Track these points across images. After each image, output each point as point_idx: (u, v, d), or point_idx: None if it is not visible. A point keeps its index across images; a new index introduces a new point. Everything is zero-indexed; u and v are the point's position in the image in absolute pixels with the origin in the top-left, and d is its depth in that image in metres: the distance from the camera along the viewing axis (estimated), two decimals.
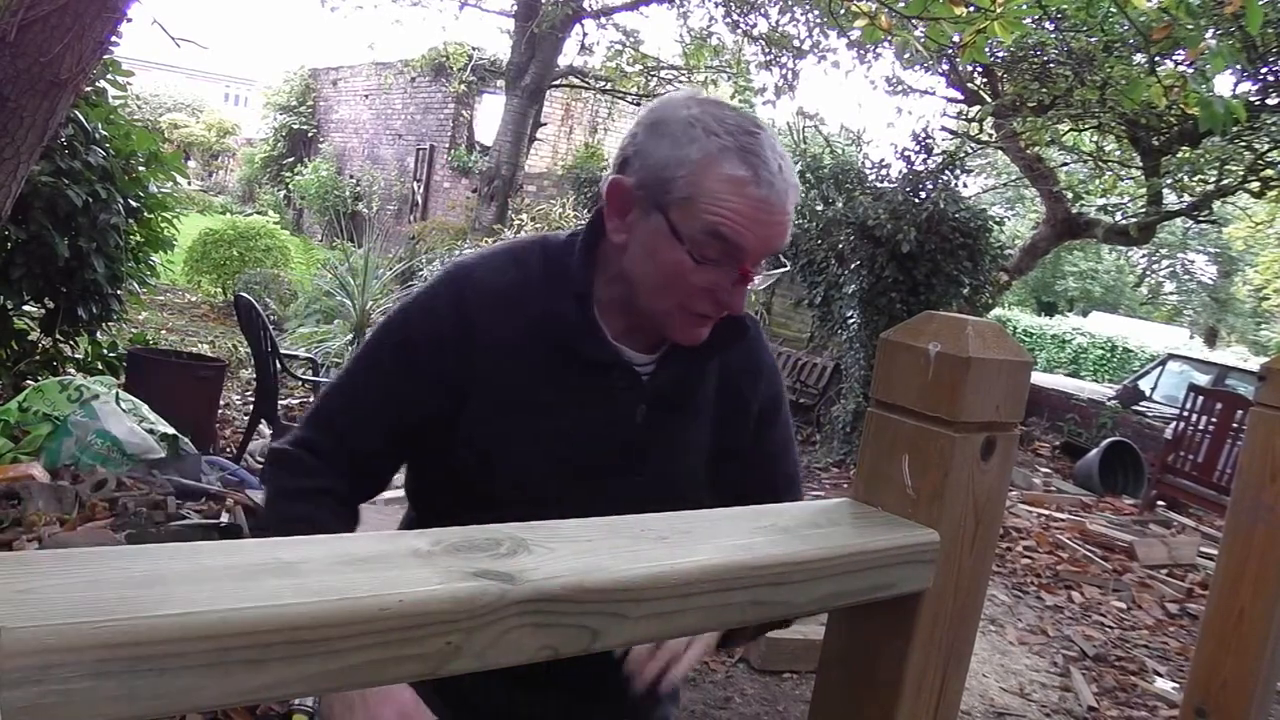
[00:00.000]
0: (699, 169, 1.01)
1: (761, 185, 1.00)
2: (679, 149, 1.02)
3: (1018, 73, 8.86)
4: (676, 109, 1.06)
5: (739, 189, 1.00)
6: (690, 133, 1.02)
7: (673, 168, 1.02)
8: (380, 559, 0.47)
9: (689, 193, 1.02)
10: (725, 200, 1.00)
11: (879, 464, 0.68)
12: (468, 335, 1.10)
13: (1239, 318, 28.79)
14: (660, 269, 1.05)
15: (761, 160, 1.01)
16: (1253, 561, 1.09)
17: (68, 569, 0.40)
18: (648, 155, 1.05)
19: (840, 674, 0.70)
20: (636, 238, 1.07)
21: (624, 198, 1.07)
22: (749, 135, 1.02)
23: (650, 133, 1.06)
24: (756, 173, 1.00)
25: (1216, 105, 3.12)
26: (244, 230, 10.09)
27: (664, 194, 1.03)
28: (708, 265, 1.03)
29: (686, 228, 1.02)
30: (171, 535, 3.02)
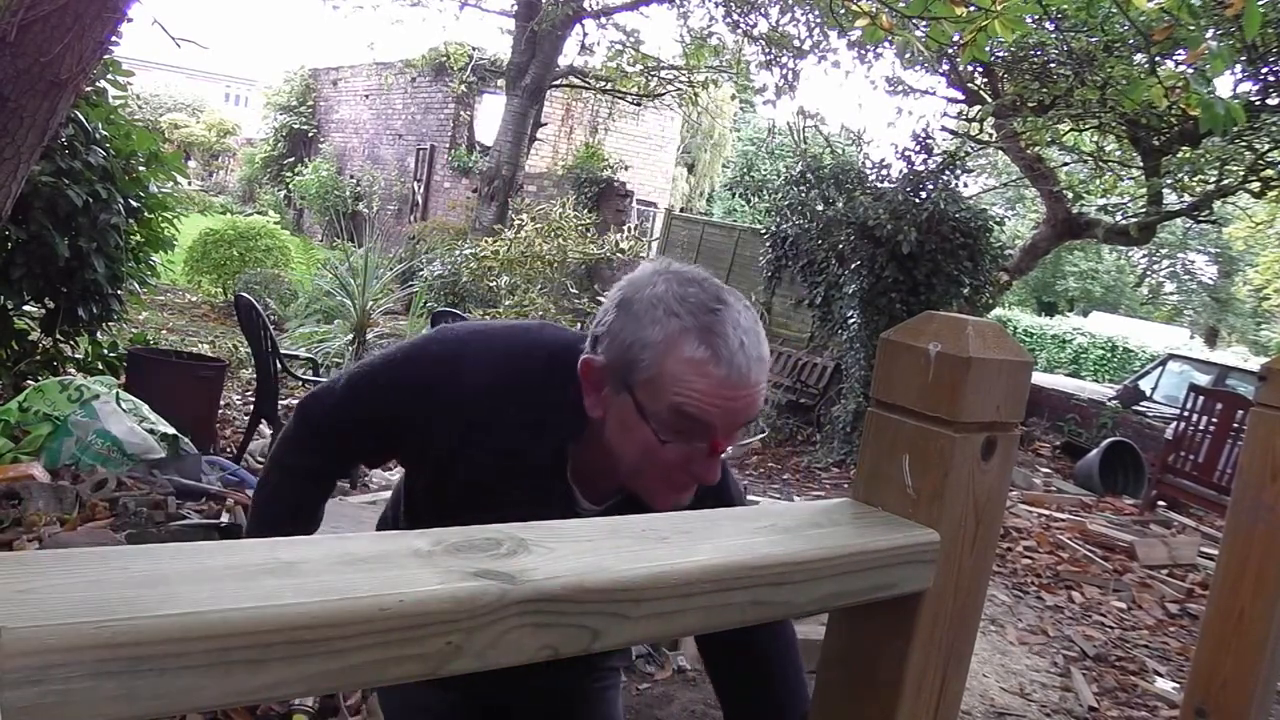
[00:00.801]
0: (660, 351, 1.03)
1: (721, 365, 1.02)
2: (642, 330, 1.05)
3: (1018, 73, 8.86)
4: (642, 287, 1.08)
5: (699, 369, 1.02)
6: (653, 313, 1.05)
7: (636, 349, 1.05)
8: (380, 559, 0.47)
9: (652, 374, 1.04)
10: (687, 381, 1.02)
11: (879, 464, 0.68)
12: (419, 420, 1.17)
13: (1239, 318, 28.79)
14: (633, 446, 1.08)
15: (722, 339, 1.02)
16: (1253, 561, 1.09)
17: (68, 569, 0.40)
18: (615, 334, 1.07)
19: (840, 674, 0.70)
20: (611, 414, 1.09)
21: (596, 376, 1.09)
22: (710, 314, 1.04)
23: (618, 311, 1.08)
24: (716, 352, 1.02)
25: (1217, 106, 3.11)
26: (244, 230, 10.09)
27: (630, 374, 1.06)
28: (676, 443, 1.05)
29: (652, 407, 1.05)
30: (171, 535, 3.02)
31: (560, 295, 9.14)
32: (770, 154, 23.55)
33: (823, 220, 7.83)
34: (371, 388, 1.21)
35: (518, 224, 9.39)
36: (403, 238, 13.86)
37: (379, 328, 7.70)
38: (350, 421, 1.23)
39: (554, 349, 1.19)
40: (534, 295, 8.40)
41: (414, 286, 9.21)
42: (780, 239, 8.45)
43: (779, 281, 8.91)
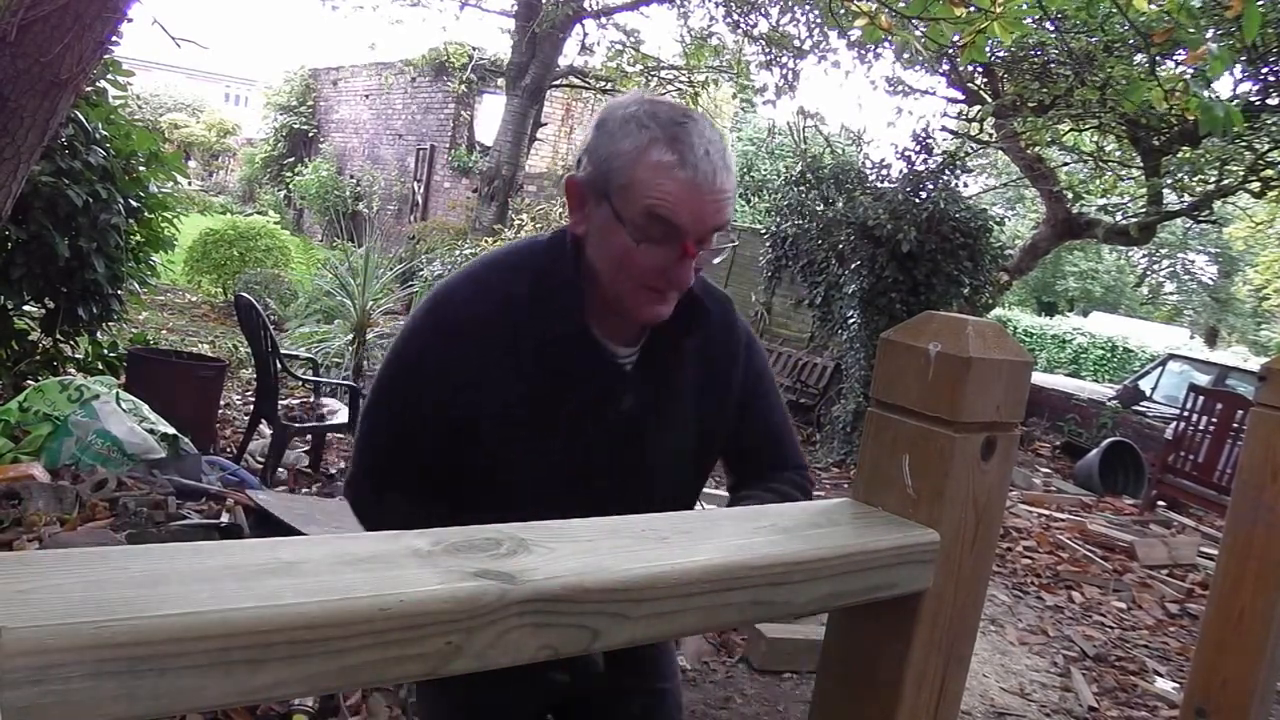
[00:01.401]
0: (632, 158, 1.12)
1: (687, 167, 1.10)
2: (616, 143, 1.14)
3: (1018, 73, 8.86)
4: (616, 109, 1.18)
5: (667, 172, 1.11)
6: (625, 128, 1.14)
7: (611, 159, 1.14)
8: (380, 559, 0.47)
9: (625, 180, 1.13)
10: (656, 184, 1.11)
11: (879, 464, 0.68)
12: (452, 370, 1.20)
13: (1239, 318, 28.79)
14: (611, 253, 1.16)
15: (687, 146, 1.11)
16: (1253, 561, 1.09)
17: (68, 569, 0.40)
18: (593, 152, 1.17)
19: (840, 674, 0.70)
20: (592, 227, 1.18)
21: (579, 192, 1.19)
22: (677, 125, 1.12)
23: (596, 131, 1.18)
24: (682, 156, 1.11)
25: (1216, 109, 3.11)
26: (244, 230, 10.08)
27: (606, 184, 1.14)
28: (650, 244, 1.13)
29: (627, 212, 1.13)
30: (171, 535, 3.02)
31: None
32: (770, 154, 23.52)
33: (823, 220, 7.83)
34: (396, 363, 1.25)
35: (518, 224, 9.39)
36: (403, 238, 13.86)
37: (379, 328, 7.69)
38: (400, 437, 1.24)
39: (517, 245, 1.29)
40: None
41: (414, 286, 9.21)
42: (780, 239, 8.45)
43: (779, 281, 8.91)
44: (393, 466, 1.26)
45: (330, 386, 5.86)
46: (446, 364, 1.20)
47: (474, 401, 1.19)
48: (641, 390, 1.25)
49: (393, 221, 15.97)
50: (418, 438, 1.24)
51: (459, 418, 1.20)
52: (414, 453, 1.25)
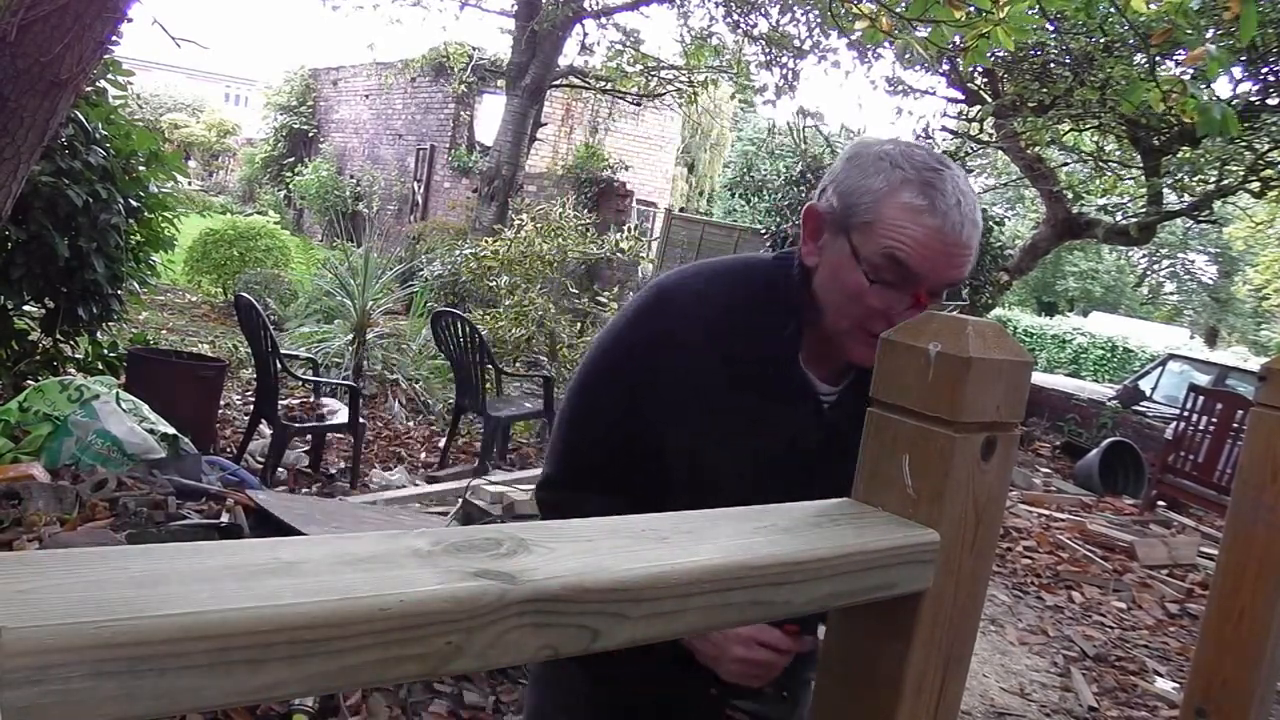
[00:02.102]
0: (881, 197, 1.10)
1: (936, 215, 1.08)
2: (866, 178, 1.12)
3: (1018, 73, 8.85)
4: (871, 145, 1.15)
5: (915, 217, 1.08)
6: (879, 165, 1.12)
7: (858, 194, 1.12)
8: (380, 559, 0.47)
9: (870, 218, 1.10)
10: (901, 226, 1.08)
11: (879, 464, 0.68)
12: (661, 372, 1.19)
13: (1239, 318, 28.79)
14: (842, 289, 1.13)
15: (940, 193, 1.08)
16: (1253, 561, 1.09)
17: (68, 569, 0.40)
18: (840, 184, 1.14)
19: (840, 674, 0.70)
20: (825, 260, 1.16)
21: (816, 222, 1.16)
22: (932, 171, 1.10)
23: (846, 165, 1.15)
24: (933, 203, 1.08)
25: (1214, 111, 3.11)
26: (244, 230, 10.08)
27: (849, 218, 1.12)
28: (883, 287, 1.10)
29: (866, 250, 1.10)
30: (171, 535, 3.02)
31: (560, 295, 9.14)
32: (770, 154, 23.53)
33: None
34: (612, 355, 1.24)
35: (518, 224, 9.38)
36: (403, 238, 13.86)
37: (379, 328, 7.69)
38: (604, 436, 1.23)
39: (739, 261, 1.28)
40: (534, 295, 8.40)
41: (414, 286, 9.21)
42: (780, 239, 8.45)
43: None
44: (595, 466, 1.24)
45: (330, 386, 5.86)
46: (656, 366, 1.19)
47: (675, 406, 1.19)
48: (830, 429, 1.23)
49: (393, 221, 15.97)
50: (620, 437, 1.22)
51: (658, 421, 1.19)
52: (616, 452, 1.22)
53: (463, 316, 5.79)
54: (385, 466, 5.35)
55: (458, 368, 5.69)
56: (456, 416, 5.78)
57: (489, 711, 2.83)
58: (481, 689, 2.89)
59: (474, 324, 5.77)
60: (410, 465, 5.50)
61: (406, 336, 7.94)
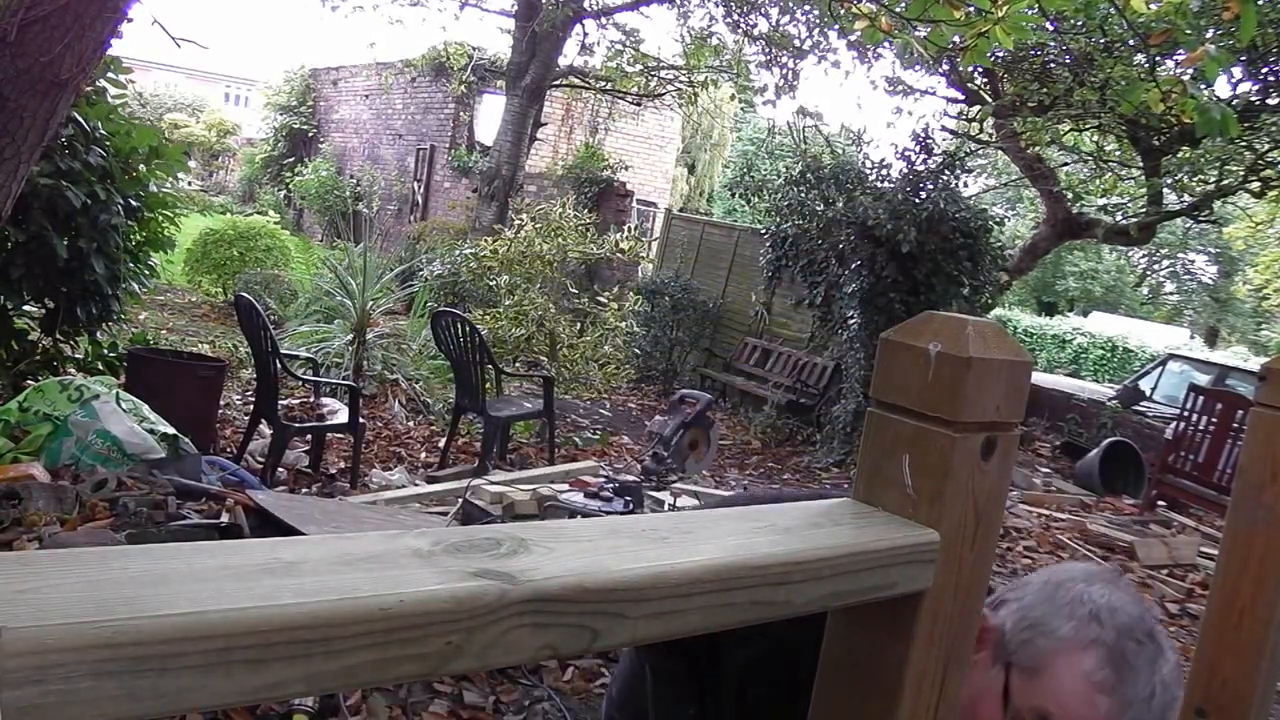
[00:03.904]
0: (1060, 650, 0.93)
1: (1115, 697, 0.90)
2: (1054, 618, 0.95)
3: (1018, 73, 8.86)
4: (1078, 579, 0.98)
5: (1088, 689, 0.90)
6: (1075, 609, 0.94)
7: (1037, 631, 0.95)
8: (380, 559, 0.47)
9: (1036, 665, 0.93)
10: (1069, 693, 0.91)
11: (879, 464, 0.68)
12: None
13: (1239, 318, 28.78)
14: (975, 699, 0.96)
15: (1133, 674, 0.90)
16: (1253, 561, 1.09)
17: (68, 569, 0.40)
18: (1025, 609, 0.97)
19: (840, 674, 0.70)
20: (972, 679, 0.95)
21: (986, 635, 0.98)
22: (1135, 642, 0.92)
23: (1043, 588, 0.99)
24: (1119, 684, 0.90)
25: (1214, 112, 3.12)
26: (244, 230, 10.07)
27: (1015, 652, 0.95)
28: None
29: (1018, 698, 0.94)
30: (171, 535, 3.02)
31: (560, 295, 9.14)
32: (770, 154, 23.52)
33: (823, 220, 7.83)
34: None
35: (518, 224, 9.39)
36: (403, 238, 13.86)
37: (379, 328, 7.69)
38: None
39: None
40: (534, 295, 8.40)
41: (414, 286, 9.21)
42: (780, 239, 8.45)
43: (779, 281, 8.91)
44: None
45: (330, 386, 5.86)
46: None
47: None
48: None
49: (393, 221, 15.97)
50: None
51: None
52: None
53: (463, 316, 5.80)
54: (385, 466, 5.35)
55: (458, 368, 5.69)
56: (456, 416, 5.78)
57: (489, 711, 2.83)
58: (481, 689, 2.89)
59: (474, 324, 5.77)
60: (410, 465, 5.50)
61: (406, 336, 7.93)
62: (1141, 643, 0.92)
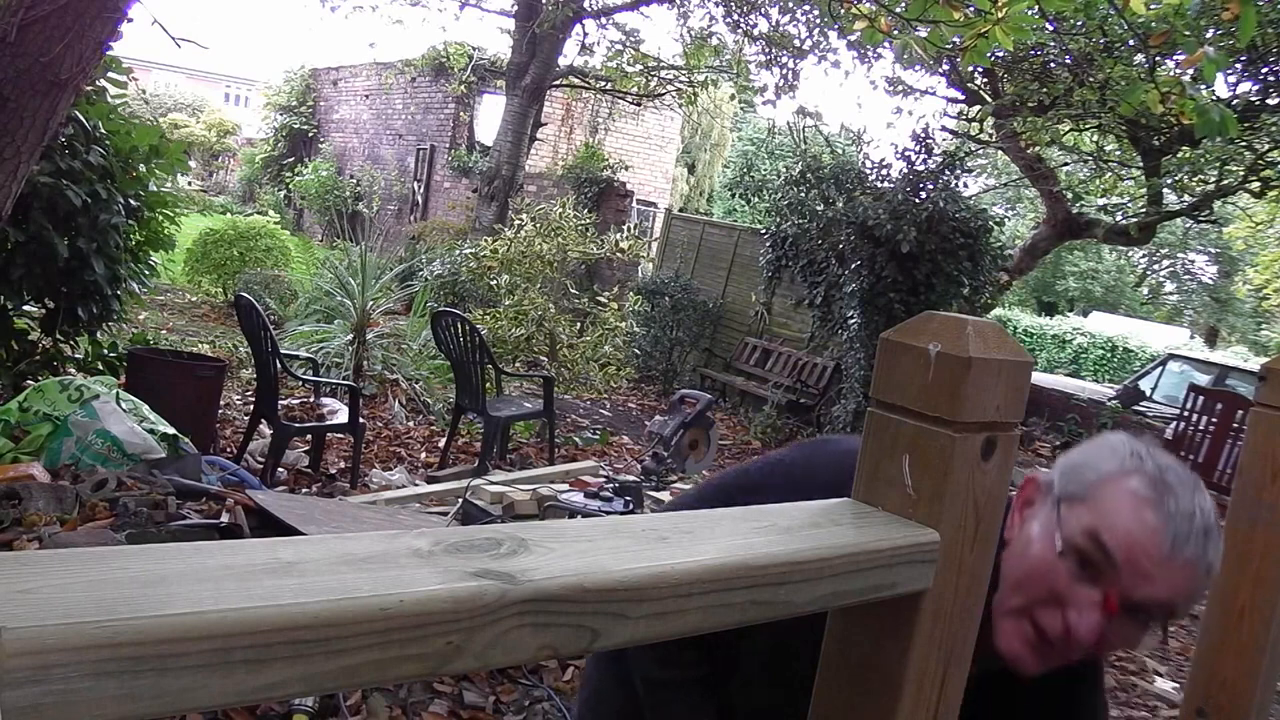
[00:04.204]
0: (1106, 477, 1.00)
1: (1159, 514, 0.96)
2: (1099, 459, 1.03)
3: (1018, 73, 8.86)
4: (1119, 437, 1.07)
5: (1136, 506, 0.97)
6: (1118, 452, 1.03)
7: (1084, 469, 1.03)
8: (380, 559, 0.47)
9: (1086, 493, 1.01)
10: (1116, 511, 0.98)
11: (879, 464, 0.68)
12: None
13: (1239, 318, 28.78)
14: (1029, 560, 1.02)
15: (1174, 496, 0.97)
16: (1253, 561, 1.09)
17: (68, 569, 0.40)
18: (1073, 460, 1.06)
19: (840, 674, 0.70)
20: (1024, 532, 1.05)
21: (1032, 492, 1.07)
22: (1177, 477, 0.99)
23: (1085, 447, 1.08)
24: (1161, 502, 0.97)
25: (1213, 113, 3.11)
26: (244, 230, 10.08)
27: (1065, 489, 1.03)
28: (1072, 568, 0.98)
29: (1069, 524, 1.00)
30: (171, 535, 3.02)
31: (560, 295, 9.14)
32: (770, 154, 23.54)
33: (823, 220, 7.83)
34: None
35: (518, 224, 9.39)
36: (403, 238, 13.86)
37: (379, 328, 7.69)
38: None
39: None
40: (534, 295, 8.40)
41: (414, 286, 9.21)
42: (780, 239, 8.45)
43: (779, 281, 8.91)
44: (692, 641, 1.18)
45: (330, 386, 5.86)
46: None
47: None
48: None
49: (393, 221, 15.97)
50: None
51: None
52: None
53: (463, 316, 5.79)
54: (385, 466, 5.35)
55: (458, 368, 5.69)
56: (456, 416, 5.78)
57: (489, 711, 2.83)
58: (481, 689, 2.89)
59: (474, 324, 5.76)
60: (410, 465, 5.50)
61: (406, 336, 7.93)
62: (1183, 479, 0.99)
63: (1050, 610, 0.98)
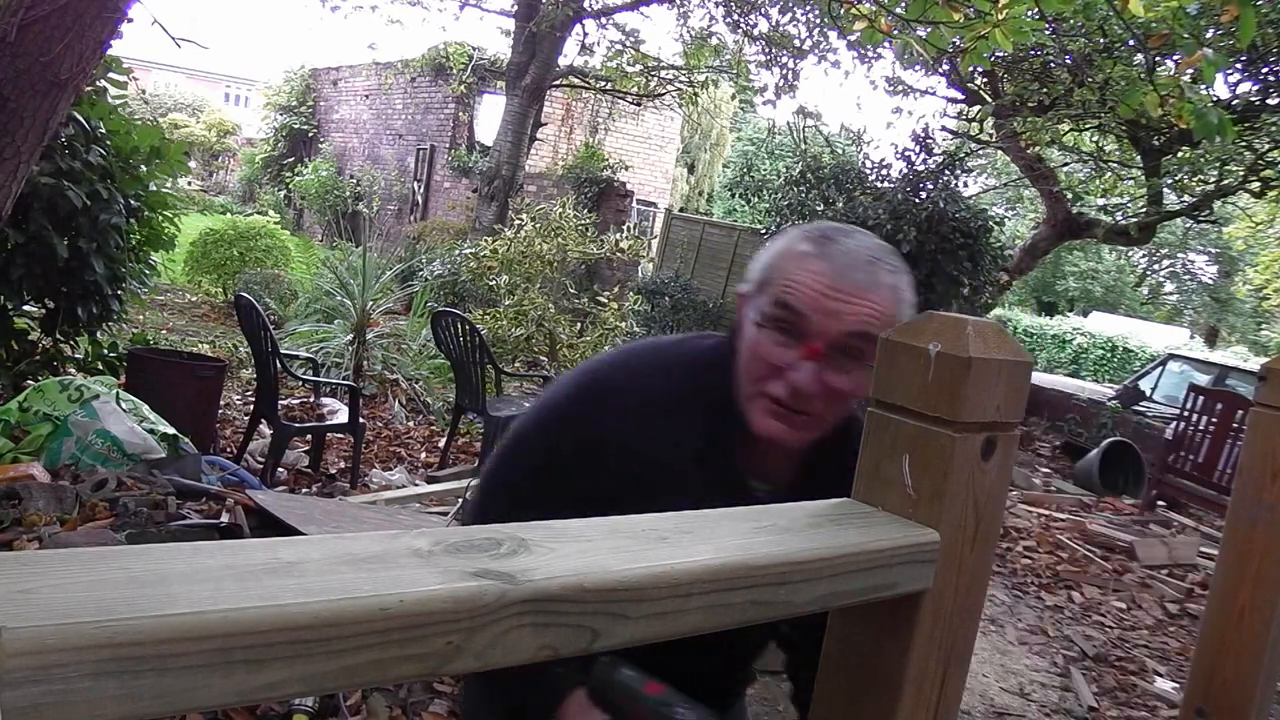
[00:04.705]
0: (777, 254, 1.14)
1: (824, 259, 1.08)
2: (775, 248, 1.16)
3: (1018, 73, 8.85)
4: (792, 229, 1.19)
5: (803, 263, 1.10)
6: (786, 235, 1.16)
7: (764, 260, 1.16)
8: (380, 559, 0.47)
9: (770, 275, 1.13)
10: (792, 274, 1.10)
11: (879, 464, 0.68)
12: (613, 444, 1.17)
13: (1239, 318, 28.78)
14: (747, 350, 1.13)
15: (834, 244, 1.10)
16: (1253, 561, 1.09)
17: (68, 569, 0.40)
18: (757, 262, 1.17)
19: (840, 674, 0.70)
20: (741, 332, 1.16)
21: (743, 300, 1.18)
22: (837, 230, 1.13)
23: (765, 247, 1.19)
24: (823, 250, 1.09)
25: (1210, 116, 3.11)
26: (244, 230, 10.08)
27: (753, 282, 1.16)
28: (773, 332, 1.10)
29: (763, 303, 1.12)
30: (171, 535, 3.02)
31: (560, 295, 9.14)
32: (770, 154, 23.54)
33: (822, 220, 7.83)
34: (544, 435, 1.23)
35: (518, 224, 9.39)
36: (403, 238, 13.86)
37: (379, 328, 7.69)
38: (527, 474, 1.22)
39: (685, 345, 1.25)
40: (534, 295, 8.40)
41: (414, 286, 9.21)
42: None
43: None
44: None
45: (330, 386, 5.86)
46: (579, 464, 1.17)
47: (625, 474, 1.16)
48: None
49: (393, 221, 15.97)
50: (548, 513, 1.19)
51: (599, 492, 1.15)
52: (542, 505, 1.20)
53: (463, 316, 5.79)
54: (385, 466, 5.35)
55: (458, 368, 5.69)
56: (456, 416, 5.78)
57: None
58: None
59: (474, 324, 5.76)
60: (410, 465, 5.50)
61: (406, 336, 7.93)
62: (840, 229, 1.13)
63: (776, 381, 1.09)
